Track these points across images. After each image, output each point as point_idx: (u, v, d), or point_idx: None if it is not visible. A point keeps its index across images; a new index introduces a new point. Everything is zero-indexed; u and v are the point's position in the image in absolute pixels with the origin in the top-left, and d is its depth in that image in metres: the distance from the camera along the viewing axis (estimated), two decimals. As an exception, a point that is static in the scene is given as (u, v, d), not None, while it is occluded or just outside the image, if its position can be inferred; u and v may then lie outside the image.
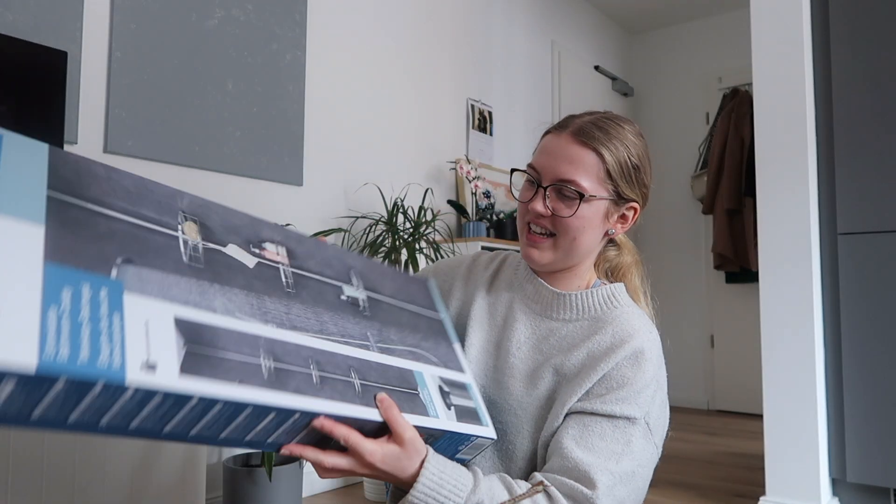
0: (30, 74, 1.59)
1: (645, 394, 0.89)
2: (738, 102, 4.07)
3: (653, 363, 0.91)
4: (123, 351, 0.55)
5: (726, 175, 3.97)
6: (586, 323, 0.96)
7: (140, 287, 0.62)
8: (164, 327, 0.61)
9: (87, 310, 0.56)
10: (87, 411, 0.55)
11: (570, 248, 0.94)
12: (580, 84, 4.17)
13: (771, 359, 2.05)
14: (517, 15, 3.71)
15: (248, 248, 0.78)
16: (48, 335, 0.51)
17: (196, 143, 2.15)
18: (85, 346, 0.53)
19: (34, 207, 0.58)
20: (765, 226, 2.10)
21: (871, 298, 1.97)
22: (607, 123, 0.94)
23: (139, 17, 2.03)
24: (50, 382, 0.51)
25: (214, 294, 0.69)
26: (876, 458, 1.94)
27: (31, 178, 0.60)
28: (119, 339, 0.56)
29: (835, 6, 2.07)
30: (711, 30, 4.56)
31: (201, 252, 0.72)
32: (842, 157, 2.04)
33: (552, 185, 0.92)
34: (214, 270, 0.72)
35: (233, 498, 1.93)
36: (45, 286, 0.54)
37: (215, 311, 0.67)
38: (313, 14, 2.57)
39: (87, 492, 1.41)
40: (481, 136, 3.38)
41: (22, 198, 0.58)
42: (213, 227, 0.76)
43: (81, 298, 0.56)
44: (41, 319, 0.52)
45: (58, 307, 0.53)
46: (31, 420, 0.54)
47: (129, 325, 0.58)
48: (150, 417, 0.59)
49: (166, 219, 0.71)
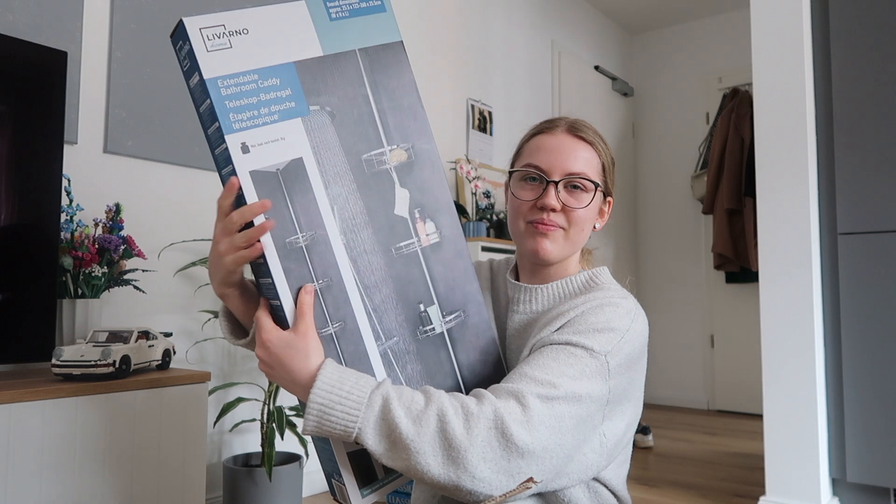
0: (30, 74, 1.59)
1: (608, 335, 0.84)
2: (738, 102, 4.07)
3: (620, 314, 0.87)
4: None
5: (726, 175, 3.97)
6: (570, 301, 0.95)
7: (310, 124, 0.77)
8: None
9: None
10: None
11: (577, 240, 0.97)
12: (580, 84, 4.17)
13: (771, 359, 2.05)
14: (517, 15, 3.71)
15: (413, 210, 0.82)
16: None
17: (196, 143, 2.15)
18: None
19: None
20: (765, 226, 2.10)
21: (871, 298, 1.97)
22: (588, 123, 1.01)
23: (139, 17, 2.03)
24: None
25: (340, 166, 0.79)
26: (876, 458, 1.94)
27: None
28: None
29: (835, 6, 2.07)
30: (711, 30, 4.55)
31: (377, 166, 0.80)
32: (842, 157, 2.03)
33: (563, 180, 0.94)
34: (369, 182, 0.79)
35: (233, 498, 1.93)
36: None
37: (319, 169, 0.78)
38: (313, 14, 2.56)
39: (87, 491, 1.41)
40: (481, 136, 3.38)
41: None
42: (414, 178, 0.82)
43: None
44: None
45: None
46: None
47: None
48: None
49: (399, 135, 0.81)
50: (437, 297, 0.84)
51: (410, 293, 0.82)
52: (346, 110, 0.78)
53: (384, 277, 0.80)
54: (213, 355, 2.18)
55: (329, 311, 0.78)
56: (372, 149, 0.79)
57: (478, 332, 0.87)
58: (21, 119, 1.56)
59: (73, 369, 1.45)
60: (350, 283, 0.78)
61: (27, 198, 1.57)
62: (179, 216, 2.12)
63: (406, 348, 0.82)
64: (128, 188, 1.99)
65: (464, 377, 0.86)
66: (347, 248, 0.78)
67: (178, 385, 1.59)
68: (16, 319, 1.54)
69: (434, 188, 0.83)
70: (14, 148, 1.55)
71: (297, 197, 0.76)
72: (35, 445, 1.34)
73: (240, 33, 0.74)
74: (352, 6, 0.79)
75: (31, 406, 1.34)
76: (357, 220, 0.79)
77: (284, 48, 0.76)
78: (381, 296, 0.80)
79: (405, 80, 0.81)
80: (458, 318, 0.85)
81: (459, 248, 0.85)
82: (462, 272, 0.85)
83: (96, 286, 1.73)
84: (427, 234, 0.83)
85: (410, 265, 0.82)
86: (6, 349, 1.53)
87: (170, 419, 1.57)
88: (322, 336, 0.78)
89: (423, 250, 0.83)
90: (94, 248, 1.73)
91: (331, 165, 0.78)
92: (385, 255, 0.80)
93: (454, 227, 0.85)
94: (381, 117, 0.80)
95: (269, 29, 0.75)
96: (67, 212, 1.73)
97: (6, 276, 1.53)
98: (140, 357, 1.58)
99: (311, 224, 0.77)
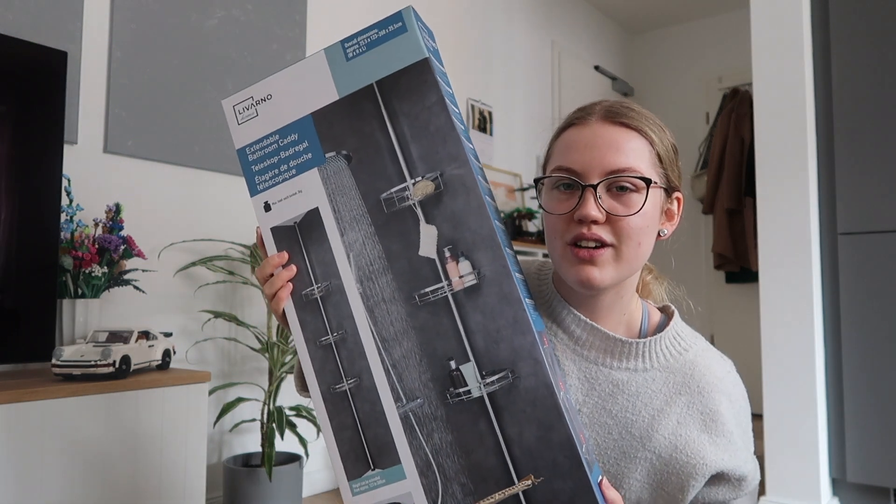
0: (30, 74, 1.59)
1: (751, 444, 0.85)
2: (738, 102, 4.07)
3: (744, 408, 0.85)
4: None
5: (726, 175, 3.97)
6: (658, 374, 0.81)
7: (324, 174, 0.75)
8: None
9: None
10: None
11: (635, 258, 0.78)
12: (580, 84, 4.16)
13: (771, 359, 2.05)
14: (517, 15, 3.71)
15: (443, 249, 0.71)
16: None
17: (196, 143, 2.15)
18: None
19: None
20: (765, 226, 2.10)
21: (871, 298, 1.97)
22: (633, 105, 0.82)
23: (139, 17, 2.03)
24: None
25: (358, 227, 0.74)
26: (876, 458, 1.93)
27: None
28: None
29: (835, 6, 2.06)
30: (711, 30, 4.55)
31: (398, 204, 0.73)
32: (842, 157, 2.03)
33: (604, 181, 0.76)
34: (390, 223, 0.73)
35: (233, 498, 1.93)
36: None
37: (342, 233, 0.74)
38: (313, 14, 2.57)
39: (87, 491, 1.41)
40: (481, 136, 3.38)
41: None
42: (444, 210, 0.71)
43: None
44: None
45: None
46: None
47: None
48: None
49: (425, 165, 0.72)
50: (475, 352, 0.70)
51: (438, 348, 0.70)
52: (364, 149, 0.74)
53: (405, 329, 0.72)
54: (213, 355, 2.18)
55: (344, 366, 0.74)
56: (392, 186, 0.73)
57: (534, 400, 0.68)
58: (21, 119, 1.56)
59: (74, 369, 1.45)
60: (366, 336, 0.73)
61: (27, 198, 1.57)
62: (179, 216, 2.12)
63: (433, 413, 0.71)
64: (128, 188, 1.99)
65: (514, 456, 0.69)
66: (364, 298, 0.73)
67: (178, 385, 1.59)
68: (16, 319, 1.54)
69: (469, 219, 0.70)
70: (14, 148, 1.55)
71: (314, 248, 0.75)
72: (35, 445, 1.34)
73: (265, 100, 0.77)
74: (370, 39, 0.73)
75: (31, 406, 1.34)
76: (374, 266, 0.73)
77: (303, 102, 0.76)
78: (402, 350, 0.72)
79: (430, 100, 0.72)
80: (504, 379, 0.69)
81: (507, 290, 0.68)
82: (511, 321, 0.69)
83: (96, 286, 1.73)
84: (461, 275, 0.70)
85: (438, 314, 0.71)
86: (6, 349, 1.53)
87: (170, 419, 1.57)
88: (336, 393, 0.74)
89: (454, 296, 0.70)
90: (94, 248, 1.73)
91: (347, 211, 0.74)
92: (407, 304, 0.72)
93: (498, 264, 0.69)
94: (403, 149, 0.73)
95: (290, 88, 0.77)
96: (67, 212, 1.73)
97: (6, 275, 1.53)
98: (140, 357, 1.58)
99: (326, 274, 0.74)
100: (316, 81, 0.75)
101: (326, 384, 0.74)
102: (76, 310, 1.70)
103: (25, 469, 1.32)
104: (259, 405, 2.20)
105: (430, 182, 0.71)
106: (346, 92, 0.74)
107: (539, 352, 0.68)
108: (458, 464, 0.70)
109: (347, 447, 0.73)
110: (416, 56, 0.72)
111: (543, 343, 0.72)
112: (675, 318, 0.87)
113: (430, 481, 0.70)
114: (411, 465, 0.71)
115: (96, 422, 1.43)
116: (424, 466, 0.71)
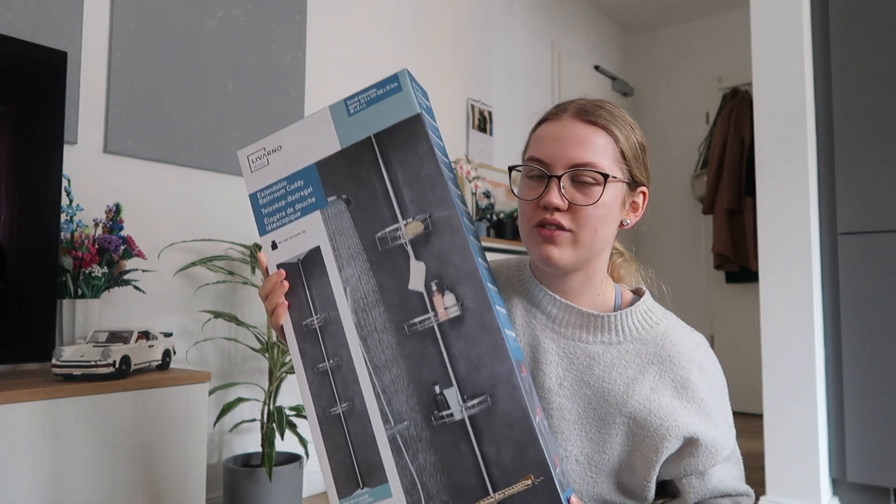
0: (30, 74, 1.59)
1: (728, 414, 0.93)
2: (738, 102, 4.07)
3: (718, 377, 0.93)
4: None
5: (726, 175, 3.97)
6: (631, 346, 0.89)
7: (325, 218, 0.82)
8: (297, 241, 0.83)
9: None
10: None
11: (592, 243, 0.86)
12: (580, 84, 4.17)
13: (771, 359, 2.05)
14: (517, 15, 3.71)
15: (430, 283, 0.78)
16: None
17: (196, 143, 2.15)
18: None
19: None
20: (765, 226, 2.10)
21: (871, 298, 1.97)
22: (605, 105, 0.89)
23: (139, 17, 2.03)
24: None
25: (354, 265, 0.80)
26: (876, 458, 1.94)
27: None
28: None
29: (835, 6, 2.07)
30: (711, 30, 4.55)
31: (391, 242, 0.79)
32: (842, 157, 2.03)
33: (567, 172, 0.84)
34: (383, 259, 0.79)
35: (233, 498, 1.93)
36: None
37: (340, 270, 0.81)
38: (313, 14, 2.57)
39: (87, 492, 1.41)
40: (481, 135, 3.38)
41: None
42: (432, 248, 0.78)
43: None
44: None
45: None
46: None
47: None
48: None
49: (415, 208, 0.79)
50: (457, 377, 0.75)
51: (424, 374, 0.76)
52: (361, 194, 0.82)
53: (395, 356, 0.78)
54: (213, 355, 2.18)
55: (339, 391, 0.79)
56: (386, 226, 0.80)
57: (511, 423, 0.73)
58: (21, 119, 1.56)
59: (74, 369, 1.45)
60: (359, 362, 0.79)
61: (27, 198, 1.57)
62: (179, 216, 2.12)
63: (418, 434, 0.76)
64: (128, 188, 1.99)
65: (492, 475, 0.74)
66: (358, 328, 0.80)
67: (178, 385, 1.59)
68: (16, 319, 1.54)
69: (454, 257, 0.77)
70: (14, 148, 1.55)
71: (314, 282, 0.82)
72: (35, 446, 1.34)
73: (276, 151, 0.86)
74: (369, 97, 0.82)
75: (31, 406, 1.34)
76: (369, 298, 0.80)
77: (309, 152, 0.84)
78: (392, 376, 0.77)
79: (421, 150, 0.79)
80: (483, 403, 0.74)
81: (487, 321, 0.75)
82: (490, 349, 0.75)
83: (96, 286, 1.73)
84: (446, 307, 0.77)
85: (425, 343, 0.77)
86: (6, 349, 1.53)
87: (170, 419, 1.57)
88: (331, 416, 0.79)
89: (440, 326, 0.76)
90: (94, 248, 1.73)
91: (345, 249, 0.81)
92: (397, 333, 0.78)
93: (480, 297, 0.76)
94: (396, 193, 0.80)
95: (298, 140, 0.85)
96: (67, 212, 1.73)
97: (6, 276, 1.53)
98: (140, 357, 1.58)
99: (325, 306, 0.81)
100: (321, 134, 0.84)
101: (322, 408, 0.80)
102: (76, 310, 1.70)
103: (25, 469, 1.32)
104: (259, 405, 2.20)
105: (419, 223, 0.79)
106: (347, 143, 0.82)
107: (516, 378, 0.74)
108: (440, 483, 0.74)
109: (339, 468, 0.79)
110: (409, 112, 0.80)
111: (521, 372, 0.77)
112: (645, 296, 0.95)
113: (414, 499, 0.75)
114: (398, 484, 0.76)
115: (96, 422, 1.43)
116: (410, 485, 0.75)
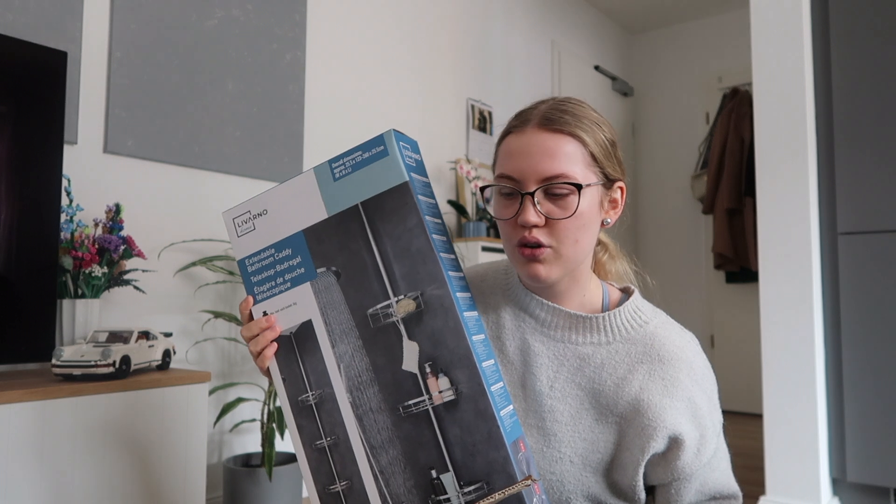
0: (30, 74, 1.59)
1: (715, 413, 0.90)
2: (738, 102, 4.07)
3: (707, 376, 0.90)
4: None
5: (726, 175, 3.97)
6: (620, 346, 0.88)
7: (315, 288, 0.80)
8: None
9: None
10: None
11: (575, 253, 0.85)
12: (580, 84, 4.17)
13: (771, 359, 2.05)
14: (517, 15, 3.71)
15: (424, 365, 0.76)
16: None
17: (196, 143, 2.15)
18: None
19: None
20: (765, 226, 2.10)
21: (871, 298, 1.97)
22: (568, 106, 0.86)
23: (139, 17, 2.03)
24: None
25: (346, 342, 0.79)
26: (876, 458, 1.94)
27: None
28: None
29: (835, 6, 2.07)
30: (711, 30, 4.55)
31: (383, 320, 0.77)
32: (842, 157, 2.04)
33: (540, 188, 0.82)
34: (376, 337, 0.77)
35: (233, 498, 1.93)
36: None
37: (333, 346, 0.79)
38: (313, 14, 2.57)
39: (87, 492, 1.41)
40: (481, 135, 3.38)
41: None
42: (424, 328, 0.76)
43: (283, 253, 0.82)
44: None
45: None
46: None
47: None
48: None
49: (406, 284, 0.77)
50: (453, 463, 0.74)
51: (421, 457, 0.75)
52: (351, 266, 0.79)
53: (391, 438, 0.77)
54: (213, 355, 2.18)
55: (336, 469, 0.79)
56: (377, 302, 0.78)
57: None
58: (21, 119, 1.56)
59: (74, 369, 1.45)
60: (356, 442, 0.78)
61: (27, 198, 1.57)
62: (179, 216, 2.12)
63: None
64: (128, 188, 1.99)
65: None
66: (353, 407, 0.78)
67: (178, 385, 1.59)
68: (16, 319, 1.54)
69: (447, 338, 0.75)
70: (14, 148, 1.55)
71: (308, 357, 0.81)
72: (35, 446, 1.34)
73: (261, 215, 0.84)
74: (354, 161, 0.79)
75: (31, 406, 1.34)
76: (363, 377, 0.78)
77: (295, 218, 0.82)
78: (389, 457, 0.77)
79: (411, 223, 0.76)
80: (479, 490, 0.73)
81: (482, 407, 0.73)
82: (485, 437, 0.73)
83: (96, 286, 1.73)
84: (440, 391, 0.75)
85: (420, 426, 0.75)
86: (6, 349, 1.53)
87: (170, 419, 1.57)
88: (330, 493, 0.79)
89: (434, 409, 0.75)
90: (94, 248, 1.73)
91: (337, 324, 0.79)
92: (392, 414, 0.76)
93: (474, 382, 0.74)
94: (387, 267, 0.78)
95: (283, 204, 0.82)
96: (67, 212, 1.73)
97: (6, 276, 1.53)
98: (140, 357, 1.58)
99: (320, 383, 0.80)
100: (306, 199, 0.81)
101: (322, 484, 0.80)
102: (76, 310, 1.70)
103: (25, 469, 1.32)
104: (259, 405, 2.20)
105: (411, 301, 0.76)
106: (334, 211, 0.80)
107: (512, 467, 0.73)
108: None
109: None
110: (397, 179, 0.77)
111: (521, 449, 0.77)
112: (634, 294, 0.93)
113: None
114: None
115: (96, 422, 1.43)
116: None
